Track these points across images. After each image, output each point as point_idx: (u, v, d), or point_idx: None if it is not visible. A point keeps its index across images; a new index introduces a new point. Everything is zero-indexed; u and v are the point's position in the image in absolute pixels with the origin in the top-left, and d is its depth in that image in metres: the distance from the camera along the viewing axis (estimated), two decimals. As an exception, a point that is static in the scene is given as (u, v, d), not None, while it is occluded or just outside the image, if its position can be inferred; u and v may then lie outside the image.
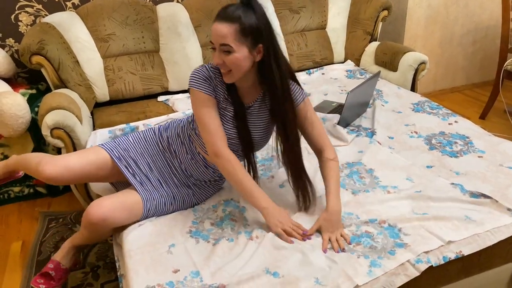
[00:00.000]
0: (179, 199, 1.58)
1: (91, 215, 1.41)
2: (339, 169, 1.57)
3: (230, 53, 1.31)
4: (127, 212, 1.46)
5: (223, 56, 1.32)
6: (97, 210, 1.41)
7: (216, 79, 1.44)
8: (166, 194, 1.56)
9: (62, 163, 1.54)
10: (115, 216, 1.43)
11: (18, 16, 2.51)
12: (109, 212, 1.42)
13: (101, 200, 1.45)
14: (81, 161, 1.55)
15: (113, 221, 1.44)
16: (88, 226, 1.45)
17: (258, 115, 1.50)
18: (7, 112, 2.06)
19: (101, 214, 1.41)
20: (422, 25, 3.25)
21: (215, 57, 1.33)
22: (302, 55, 2.89)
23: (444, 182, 1.63)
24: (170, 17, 2.55)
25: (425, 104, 2.28)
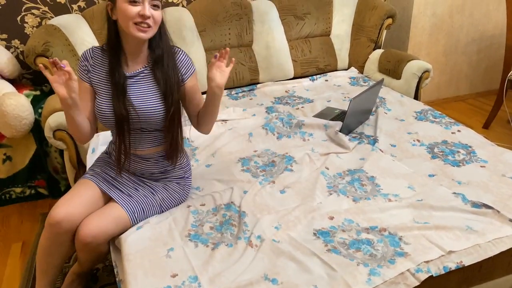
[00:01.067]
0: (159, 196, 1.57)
1: (82, 236, 1.41)
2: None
3: (158, 8, 1.40)
4: (114, 224, 1.45)
5: (151, 10, 1.38)
6: (86, 230, 1.41)
7: (94, 58, 1.50)
8: (144, 196, 1.55)
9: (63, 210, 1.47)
10: (104, 231, 1.43)
11: (24, 18, 2.52)
12: (97, 228, 1.41)
13: (88, 220, 1.44)
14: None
15: (104, 236, 1.43)
16: (82, 248, 1.44)
17: (143, 84, 1.49)
18: (10, 113, 2.07)
19: (92, 233, 1.40)
20: (427, 33, 3.25)
21: (144, 9, 1.36)
22: (306, 61, 2.89)
23: (446, 191, 1.62)
24: (175, 21, 2.56)
25: (428, 112, 2.28)
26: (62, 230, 1.43)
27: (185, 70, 1.52)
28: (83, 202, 1.47)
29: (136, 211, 1.51)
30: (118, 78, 1.45)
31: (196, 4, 2.70)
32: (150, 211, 1.55)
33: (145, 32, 1.39)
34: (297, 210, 1.54)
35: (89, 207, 1.48)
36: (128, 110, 1.45)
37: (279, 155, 1.93)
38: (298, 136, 2.10)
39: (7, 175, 2.33)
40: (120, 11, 1.37)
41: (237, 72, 2.72)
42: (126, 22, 1.37)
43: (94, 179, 1.55)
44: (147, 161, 1.57)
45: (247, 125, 2.21)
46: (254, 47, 2.79)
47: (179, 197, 1.63)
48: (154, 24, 1.40)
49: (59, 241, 1.46)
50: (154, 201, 1.56)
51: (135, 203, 1.52)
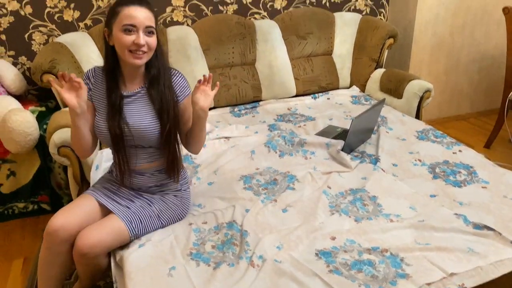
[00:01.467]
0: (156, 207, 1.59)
1: (79, 247, 1.42)
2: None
3: (153, 34, 1.44)
4: (112, 235, 1.47)
5: (146, 38, 1.42)
6: (83, 240, 1.42)
7: (95, 77, 1.55)
8: (141, 207, 1.57)
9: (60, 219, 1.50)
10: (101, 242, 1.44)
11: (31, 35, 2.57)
12: (94, 239, 1.42)
13: (85, 231, 1.45)
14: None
15: (101, 247, 1.44)
16: (80, 259, 1.45)
17: (140, 103, 1.53)
18: (16, 129, 2.09)
19: (89, 243, 1.41)
20: (428, 52, 3.29)
21: (138, 38, 1.40)
22: (308, 79, 2.92)
23: (447, 212, 1.63)
24: (180, 40, 2.60)
25: (430, 132, 2.29)
26: (59, 240, 1.45)
27: (180, 91, 1.56)
28: (80, 213, 1.50)
29: (134, 221, 1.52)
30: (114, 99, 1.51)
31: (201, 24, 2.74)
32: (148, 222, 1.56)
33: (140, 59, 1.45)
34: (299, 229, 1.54)
35: (86, 218, 1.51)
36: (123, 129, 1.50)
37: (281, 173, 1.94)
38: (300, 154, 2.11)
39: (11, 190, 2.34)
40: (116, 39, 1.43)
41: (240, 89, 2.75)
42: (122, 50, 1.43)
43: (93, 193, 1.59)
44: (143, 175, 1.61)
45: (250, 142, 2.23)
46: (257, 65, 2.82)
47: (177, 209, 1.64)
48: (149, 50, 1.45)
49: (57, 251, 1.48)
50: (151, 212, 1.57)
51: (132, 214, 1.53)
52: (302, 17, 2.92)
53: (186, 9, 2.81)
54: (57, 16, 2.58)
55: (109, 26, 1.46)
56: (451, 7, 3.21)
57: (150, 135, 1.52)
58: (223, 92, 2.71)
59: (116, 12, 1.42)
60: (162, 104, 1.51)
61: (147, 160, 1.59)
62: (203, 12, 2.86)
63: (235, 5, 2.92)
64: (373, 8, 3.31)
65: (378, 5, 3.32)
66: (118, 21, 1.42)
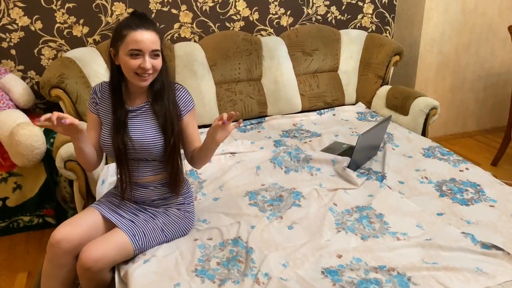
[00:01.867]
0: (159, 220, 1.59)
1: (83, 261, 1.42)
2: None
3: (158, 56, 1.47)
4: (115, 249, 1.47)
5: (152, 60, 1.45)
6: (87, 254, 1.42)
7: (101, 91, 1.58)
8: (144, 220, 1.57)
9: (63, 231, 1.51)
10: (105, 256, 1.43)
11: (41, 50, 2.60)
12: (98, 253, 1.42)
13: (89, 245, 1.45)
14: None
15: (105, 261, 1.44)
16: (84, 273, 1.45)
17: (144, 118, 1.55)
18: (23, 143, 2.10)
19: (93, 257, 1.41)
20: (433, 70, 3.30)
21: (144, 62, 1.43)
22: (314, 95, 2.93)
23: (454, 231, 1.61)
24: (187, 56, 2.63)
25: (436, 149, 2.28)
26: (61, 251, 1.45)
27: (183, 105, 1.58)
28: (83, 225, 1.51)
29: (138, 234, 1.52)
30: (119, 114, 1.53)
31: (208, 40, 2.77)
32: (152, 236, 1.56)
33: (146, 81, 1.48)
34: (305, 247, 1.53)
35: (90, 231, 1.51)
36: (126, 143, 1.52)
37: (286, 190, 1.94)
38: (305, 171, 2.11)
39: (16, 204, 2.34)
40: (122, 62, 1.46)
41: (246, 105, 2.76)
42: (128, 73, 1.47)
43: (98, 207, 1.60)
44: (147, 188, 1.61)
45: (255, 158, 2.23)
46: (263, 81, 2.84)
47: (181, 223, 1.64)
48: (155, 71, 1.48)
49: (59, 263, 1.48)
50: (155, 225, 1.57)
51: (136, 228, 1.53)
52: (308, 34, 2.94)
53: (193, 26, 2.85)
54: (66, 32, 2.61)
55: (115, 47, 1.48)
56: (456, 25, 3.23)
57: (153, 149, 1.54)
58: (228, 107, 2.72)
59: (123, 35, 1.44)
60: (166, 119, 1.53)
61: (151, 173, 1.60)
62: (210, 28, 2.89)
63: (241, 22, 2.95)
64: (378, 25, 3.34)
65: (384, 23, 3.35)
66: (124, 44, 1.44)
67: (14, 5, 2.48)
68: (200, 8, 2.82)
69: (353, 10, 3.22)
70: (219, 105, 2.71)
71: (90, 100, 1.60)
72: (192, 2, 2.80)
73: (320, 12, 3.13)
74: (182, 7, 2.78)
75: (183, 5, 2.78)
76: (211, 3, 2.84)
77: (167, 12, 2.77)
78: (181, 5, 2.78)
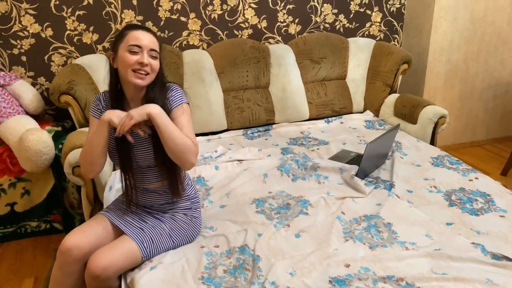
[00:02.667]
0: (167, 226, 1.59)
1: (92, 268, 1.42)
2: (192, 148, 1.51)
3: (156, 58, 1.50)
4: (124, 257, 1.47)
5: (150, 59, 1.47)
6: (96, 262, 1.42)
7: (105, 100, 1.60)
8: (152, 226, 1.58)
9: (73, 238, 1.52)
10: (114, 264, 1.44)
11: (51, 57, 2.63)
12: (107, 260, 1.42)
13: (98, 252, 1.46)
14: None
15: (113, 268, 1.44)
16: (92, 281, 1.45)
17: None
18: (32, 149, 2.12)
19: (102, 265, 1.41)
20: (442, 78, 3.28)
21: (143, 58, 1.45)
22: (321, 103, 2.93)
23: (464, 241, 1.59)
24: (195, 63, 2.64)
25: (445, 158, 2.26)
26: (72, 259, 1.46)
27: (172, 102, 1.55)
28: (93, 233, 1.53)
29: (146, 241, 1.52)
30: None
31: (216, 47, 2.79)
32: (159, 242, 1.56)
33: (143, 79, 1.48)
34: (312, 256, 1.52)
35: (99, 238, 1.53)
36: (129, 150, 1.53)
37: (294, 198, 1.93)
38: (313, 179, 2.10)
39: (24, 209, 2.36)
40: (121, 58, 1.47)
41: (253, 112, 2.76)
42: (125, 69, 1.46)
43: (107, 214, 1.61)
44: (155, 193, 1.62)
45: (262, 165, 2.22)
46: (271, 88, 2.84)
47: (188, 228, 1.64)
48: (152, 71, 1.49)
49: (69, 271, 1.49)
50: (162, 231, 1.58)
51: (144, 234, 1.54)
52: (316, 41, 2.95)
53: (202, 33, 2.87)
54: (76, 39, 2.64)
55: (114, 49, 1.50)
56: (465, 34, 3.21)
57: (148, 155, 1.55)
58: (236, 114, 2.73)
59: (124, 34, 1.48)
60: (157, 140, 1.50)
61: (157, 179, 1.60)
62: (219, 36, 2.91)
63: (250, 30, 2.97)
64: (387, 34, 3.34)
65: (392, 31, 3.35)
66: (124, 42, 1.47)
67: (26, 13, 2.52)
68: (208, 16, 2.84)
69: (361, 18, 3.22)
70: (227, 113, 2.71)
71: (94, 107, 1.60)
72: (201, 10, 2.82)
73: (328, 20, 3.14)
74: (191, 15, 2.81)
75: (192, 13, 2.80)
76: (219, 11, 2.85)
77: (176, 20, 2.79)
78: (190, 13, 2.80)
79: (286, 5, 2.99)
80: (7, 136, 2.25)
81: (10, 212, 2.33)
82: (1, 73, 2.44)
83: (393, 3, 3.27)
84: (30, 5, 2.51)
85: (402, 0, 3.28)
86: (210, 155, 2.33)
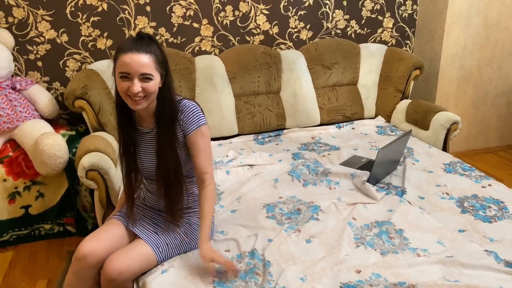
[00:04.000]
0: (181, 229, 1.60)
1: (108, 272, 1.43)
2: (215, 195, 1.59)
3: (150, 80, 1.41)
4: (139, 261, 1.48)
5: (142, 83, 1.40)
6: (112, 266, 1.43)
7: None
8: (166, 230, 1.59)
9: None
10: (130, 267, 1.45)
11: (66, 62, 2.68)
12: (123, 264, 1.44)
13: (114, 256, 1.47)
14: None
15: (129, 272, 1.46)
16: (107, 285, 1.46)
17: (151, 142, 1.56)
18: (47, 152, 2.15)
19: (118, 268, 1.43)
20: (455, 84, 3.26)
21: (133, 85, 1.39)
22: (333, 109, 2.93)
23: (477, 248, 1.57)
24: (207, 69, 2.67)
25: (457, 165, 2.25)
26: (87, 265, 1.48)
27: (190, 125, 1.52)
28: (109, 238, 1.54)
29: (161, 246, 1.54)
30: (124, 134, 1.56)
31: (228, 53, 2.81)
32: (174, 245, 1.57)
33: (138, 104, 1.43)
34: (323, 261, 1.51)
35: (114, 243, 1.54)
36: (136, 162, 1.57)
37: (304, 203, 1.93)
38: (324, 184, 2.10)
39: (38, 212, 2.39)
40: (116, 83, 1.44)
41: (264, 117, 2.77)
42: (121, 94, 1.45)
43: (121, 219, 1.62)
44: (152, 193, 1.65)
45: (273, 170, 2.23)
46: (282, 94, 2.85)
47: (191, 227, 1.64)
48: (148, 94, 1.42)
49: (84, 276, 1.50)
50: (177, 235, 1.59)
51: (158, 238, 1.55)
52: (328, 47, 2.96)
53: (214, 39, 2.89)
54: (90, 44, 2.69)
55: (113, 71, 1.46)
56: (478, 40, 3.19)
57: (153, 174, 1.56)
58: (247, 119, 2.74)
59: (116, 58, 1.42)
60: (160, 145, 1.52)
61: None
62: (231, 42, 2.93)
63: (261, 36, 2.99)
64: (398, 39, 3.33)
65: (404, 37, 3.34)
66: (116, 67, 1.42)
67: (42, 19, 2.57)
68: (221, 22, 2.87)
69: (373, 24, 3.22)
70: (238, 118, 2.73)
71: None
72: (213, 16, 2.84)
73: (339, 26, 3.14)
74: (203, 21, 2.83)
75: (204, 19, 2.83)
76: (231, 17, 2.88)
77: (189, 26, 2.82)
78: (202, 19, 2.83)
79: (298, 11, 3.01)
80: (22, 139, 2.29)
81: (24, 214, 2.37)
82: (17, 78, 2.49)
83: (405, 9, 3.26)
84: (46, 12, 2.56)
85: (414, 6, 3.28)
86: (221, 159, 2.34)
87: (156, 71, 1.42)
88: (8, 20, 2.52)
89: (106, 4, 2.64)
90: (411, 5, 3.27)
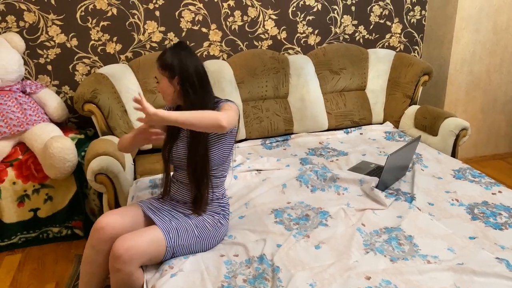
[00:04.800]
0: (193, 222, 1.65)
1: (115, 247, 1.48)
2: (215, 117, 1.51)
3: (158, 83, 1.69)
4: (148, 243, 1.52)
5: (158, 85, 1.69)
6: (120, 242, 1.49)
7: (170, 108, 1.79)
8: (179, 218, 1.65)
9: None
10: (137, 246, 1.49)
11: (75, 66, 2.70)
12: (132, 242, 1.49)
13: (124, 236, 1.53)
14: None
15: (136, 251, 1.48)
16: (115, 264, 1.48)
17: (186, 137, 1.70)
18: (56, 155, 2.17)
19: (126, 245, 1.47)
20: (463, 90, 3.24)
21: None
22: (341, 114, 2.92)
23: (488, 255, 1.56)
24: (215, 73, 2.67)
25: (467, 171, 2.23)
26: (104, 237, 1.56)
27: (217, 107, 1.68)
28: (128, 216, 1.64)
29: (172, 232, 1.58)
30: (172, 128, 1.70)
31: (236, 58, 2.82)
32: (184, 234, 1.61)
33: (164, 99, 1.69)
34: (333, 267, 1.51)
35: (132, 223, 1.63)
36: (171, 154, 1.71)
37: (313, 209, 1.92)
38: (332, 190, 2.09)
39: (47, 215, 2.40)
40: None
41: (272, 122, 2.77)
42: None
43: (141, 204, 1.71)
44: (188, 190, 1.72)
45: (281, 175, 2.22)
46: (290, 99, 2.85)
47: (212, 230, 1.67)
48: (162, 93, 1.66)
49: (100, 248, 1.57)
50: (188, 226, 1.63)
51: (171, 226, 1.60)
52: (336, 52, 2.95)
53: (222, 44, 2.90)
54: (100, 49, 2.70)
55: None
56: (487, 45, 3.18)
57: (182, 158, 1.68)
58: (255, 124, 2.74)
59: None
60: (191, 141, 1.65)
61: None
62: (239, 47, 2.94)
63: (269, 41, 2.99)
64: (407, 45, 3.32)
65: (412, 43, 3.33)
66: None
67: (53, 23, 2.59)
68: (229, 27, 2.88)
69: (381, 29, 3.22)
70: (246, 122, 2.73)
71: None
72: (222, 21, 2.86)
73: (348, 32, 3.14)
74: (212, 26, 2.85)
75: (213, 24, 2.85)
76: (240, 22, 2.89)
77: (197, 30, 2.83)
78: (211, 24, 2.84)
79: (306, 17, 3.02)
80: (32, 143, 2.31)
81: (33, 217, 2.38)
82: (27, 82, 2.51)
83: (414, 15, 3.26)
84: (57, 16, 2.59)
85: (423, 12, 3.27)
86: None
87: (160, 75, 1.64)
88: (19, 24, 2.55)
89: (115, 9, 2.66)
90: (420, 11, 3.26)
